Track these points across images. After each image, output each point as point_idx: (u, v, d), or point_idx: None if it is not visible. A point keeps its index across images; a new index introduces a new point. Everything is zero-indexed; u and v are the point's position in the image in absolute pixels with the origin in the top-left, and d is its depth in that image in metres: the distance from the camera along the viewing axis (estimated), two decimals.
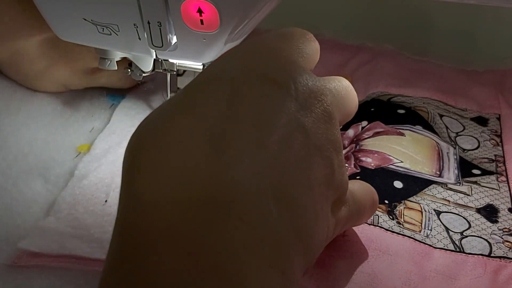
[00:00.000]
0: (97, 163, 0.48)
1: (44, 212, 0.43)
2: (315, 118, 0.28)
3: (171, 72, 0.49)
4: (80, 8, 0.42)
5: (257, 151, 0.25)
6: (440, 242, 0.41)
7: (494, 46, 0.66)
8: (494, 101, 0.58)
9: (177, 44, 0.42)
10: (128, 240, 0.23)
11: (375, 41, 0.66)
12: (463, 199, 0.45)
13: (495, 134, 0.53)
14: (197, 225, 0.22)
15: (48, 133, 0.50)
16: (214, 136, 0.24)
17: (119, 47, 0.45)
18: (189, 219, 0.22)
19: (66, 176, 0.47)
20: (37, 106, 0.51)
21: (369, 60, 0.64)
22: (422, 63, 0.64)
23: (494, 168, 0.49)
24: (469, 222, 0.43)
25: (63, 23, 0.44)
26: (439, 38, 0.68)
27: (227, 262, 0.22)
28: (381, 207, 0.43)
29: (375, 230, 0.41)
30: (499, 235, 0.42)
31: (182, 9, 0.39)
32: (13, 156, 0.47)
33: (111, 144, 0.50)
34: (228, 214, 0.22)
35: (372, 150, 0.49)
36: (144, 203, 0.23)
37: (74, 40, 0.45)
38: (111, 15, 0.41)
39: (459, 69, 0.63)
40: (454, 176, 0.48)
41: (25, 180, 0.45)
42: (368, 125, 0.53)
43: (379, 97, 0.57)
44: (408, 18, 0.69)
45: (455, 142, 0.52)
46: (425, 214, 0.43)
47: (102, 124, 0.54)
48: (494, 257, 0.40)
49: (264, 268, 0.23)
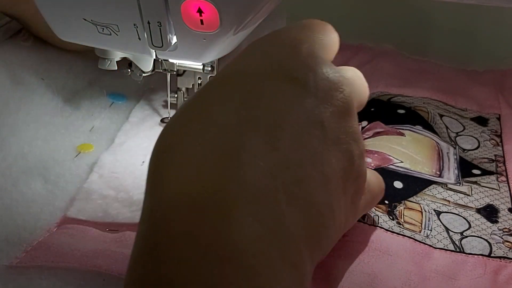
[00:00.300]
0: (136, 130, 0.52)
1: (44, 212, 0.43)
2: (334, 111, 0.29)
3: (171, 72, 0.49)
4: (80, 8, 0.42)
5: (271, 154, 0.26)
6: (440, 242, 0.41)
7: (494, 46, 0.66)
8: (494, 101, 0.58)
9: (177, 44, 0.42)
10: (152, 236, 0.24)
11: (375, 41, 0.66)
12: (463, 199, 0.45)
13: (495, 134, 0.53)
14: (213, 222, 0.24)
15: (48, 132, 0.50)
16: (229, 140, 0.26)
17: (119, 47, 0.45)
18: (206, 217, 0.24)
19: (66, 176, 0.46)
20: (37, 105, 0.51)
21: (369, 60, 0.64)
22: (422, 63, 0.64)
23: (494, 168, 0.49)
24: (469, 222, 0.43)
25: (63, 23, 0.44)
26: (439, 38, 0.68)
27: (241, 255, 0.23)
28: (381, 207, 0.43)
29: (375, 231, 0.41)
30: (499, 235, 0.42)
31: (182, 9, 0.39)
32: (13, 156, 0.47)
33: (148, 112, 0.56)
34: (241, 213, 0.24)
35: (372, 150, 0.49)
36: (165, 203, 0.25)
37: (74, 40, 0.45)
38: (111, 15, 0.41)
39: (459, 69, 0.63)
40: (454, 176, 0.48)
41: (25, 180, 0.45)
42: (368, 125, 0.53)
43: (379, 97, 0.57)
44: (408, 18, 0.69)
45: (455, 142, 0.52)
46: (425, 214, 0.43)
47: (102, 123, 0.54)
48: (494, 257, 0.40)
49: (276, 261, 0.24)
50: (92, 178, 0.47)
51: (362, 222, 0.41)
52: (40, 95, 0.53)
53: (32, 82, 0.52)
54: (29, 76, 0.52)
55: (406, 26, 0.69)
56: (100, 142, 0.51)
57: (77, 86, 0.57)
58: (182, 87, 0.51)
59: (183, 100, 0.52)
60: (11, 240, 0.39)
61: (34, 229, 0.40)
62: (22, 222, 0.41)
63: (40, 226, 0.41)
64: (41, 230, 0.40)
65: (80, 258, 0.36)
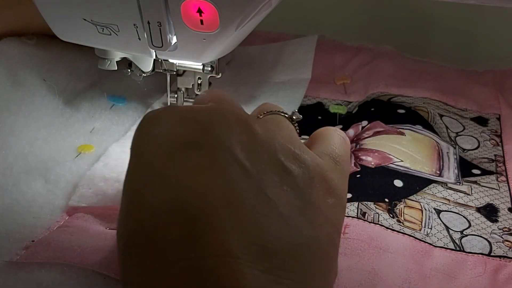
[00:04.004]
0: None
1: (44, 212, 0.43)
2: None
3: (171, 72, 0.49)
4: (80, 8, 0.42)
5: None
6: (440, 241, 0.41)
7: (494, 46, 0.66)
8: (494, 101, 0.58)
9: (177, 44, 0.42)
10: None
11: (375, 42, 0.66)
12: (463, 198, 0.45)
13: (495, 134, 0.53)
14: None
15: (49, 133, 0.50)
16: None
17: (119, 47, 0.45)
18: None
19: (66, 176, 0.47)
20: (38, 106, 0.51)
21: (369, 61, 0.64)
22: (422, 63, 0.64)
23: (494, 168, 0.49)
24: (469, 221, 0.43)
25: (63, 23, 0.44)
26: (439, 38, 0.68)
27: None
28: (382, 205, 0.43)
29: (375, 228, 0.41)
30: (499, 235, 0.42)
31: (182, 9, 0.39)
32: (13, 156, 0.47)
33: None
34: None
35: (373, 149, 0.49)
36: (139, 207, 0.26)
37: (74, 40, 0.45)
38: (111, 15, 0.41)
39: (459, 69, 0.63)
40: (454, 176, 0.48)
41: (25, 180, 0.45)
42: (368, 124, 0.53)
43: (379, 97, 0.57)
44: (408, 18, 0.70)
45: (455, 142, 0.52)
46: (425, 212, 0.43)
47: (103, 124, 0.54)
48: (494, 256, 0.40)
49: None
50: (97, 165, 0.47)
51: (363, 220, 0.42)
52: (41, 96, 0.53)
53: (33, 83, 0.52)
54: (31, 77, 0.52)
55: (406, 27, 0.69)
56: (101, 143, 0.51)
57: (78, 87, 0.57)
58: (182, 87, 0.51)
59: (183, 100, 0.52)
60: (12, 237, 0.39)
61: (35, 228, 0.40)
62: (23, 221, 0.41)
63: (40, 225, 0.41)
64: (42, 229, 0.40)
65: (80, 254, 0.36)
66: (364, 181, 0.46)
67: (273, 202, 0.27)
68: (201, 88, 0.49)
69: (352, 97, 0.59)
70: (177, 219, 0.25)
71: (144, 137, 0.29)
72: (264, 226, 0.26)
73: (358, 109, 0.57)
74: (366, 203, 0.43)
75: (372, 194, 0.44)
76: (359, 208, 0.43)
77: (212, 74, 0.48)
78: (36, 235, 0.40)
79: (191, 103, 0.51)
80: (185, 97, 0.52)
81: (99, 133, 0.53)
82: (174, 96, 0.52)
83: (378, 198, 0.44)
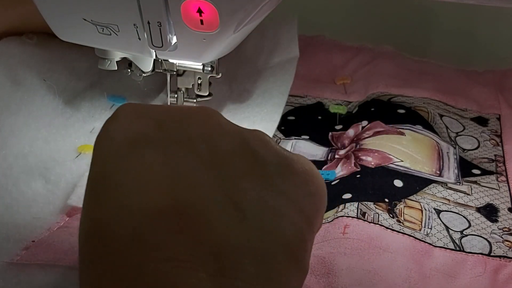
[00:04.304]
0: None
1: (44, 212, 0.43)
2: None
3: (171, 72, 0.49)
4: (80, 8, 0.42)
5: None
6: (440, 241, 0.41)
7: (494, 46, 0.66)
8: (494, 101, 0.58)
9: (177, 44, 0.42)
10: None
11: (375, 42, 0.66)
12: (463, 198, 0.45)
13: (495, 134, 0.54)
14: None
15: (49, 133, 0.50)
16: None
17: (119, 47, 0.45)
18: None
19: (66, 176, 0.47)
20: (38, 106, 0.51)
21: (369, 61, 0.64)
22: (422, 64, 0.64)
23: (494, 168, 0.49)
24: (469, 221, 0.43)
25: (63, 23, 0.44)
26: (439, 38, 0.68)
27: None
28: (382, 205, 0.43)
29: (375, 228, 0.41)
30: (499, 235, 0.42)
31: (182, 9, 0.39)
32: (13, 156, 0.47)
33: None
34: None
35: (372, 149, 0.49)
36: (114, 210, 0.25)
37: (74, 40, 0.45)
38: (111, 15, 0.41)
39: (459, 69, 0.63)
40: (454, 176, 0.48)
41: (25, 180, 0.45)
42: (368, 124, 0.53)
43: (379, 97, 0.57)
44: (408, 18, 0.70)
45: (455, 142, 0.52)
46: (425, 212, 0.43)
47: (102, 124, 0.54)
48: (494, 256, 0.40)
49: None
50: None
51: (363, 220, 0.42)
52: (41, 96, 0.53)
53: (33, 82, 0.52)
54: (31, 76, 0.52)
55: (406, 27, 0.69)
56: None
57: (79, 87, 0.57)
58: (182, 87, 0.51)
59: (183, 100, 0.52)
60: (12, 238, 0.39)
61: (35, 228, 0.40)
62: (23, 221, 0.41)
63: (40, 225, 0.41)
64: (42, 229, 0.40)
65: None
66: (364, 181, 0.46)
67: (229, 197, 0.26)
68: (201, 88, 0.49)
69: (352, 97, 0.59)
70: (125, 221, 0.24)
71: (101, 133, 0.29)
72: (217, 225, 0.25)
73: (358, 109, 0.57)
74: (366, 203, 0.43)
75: (372, 194, 0.44)
76: (359, 208, 0.43)
77: (212, 74, 0.48)
78: (36, 235, 0.40)
79: (191, 103, 0.51)
80: (185, 97, 0.52)
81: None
82: (174, 96, 0.52)
83: (378, 198, 0.44)
